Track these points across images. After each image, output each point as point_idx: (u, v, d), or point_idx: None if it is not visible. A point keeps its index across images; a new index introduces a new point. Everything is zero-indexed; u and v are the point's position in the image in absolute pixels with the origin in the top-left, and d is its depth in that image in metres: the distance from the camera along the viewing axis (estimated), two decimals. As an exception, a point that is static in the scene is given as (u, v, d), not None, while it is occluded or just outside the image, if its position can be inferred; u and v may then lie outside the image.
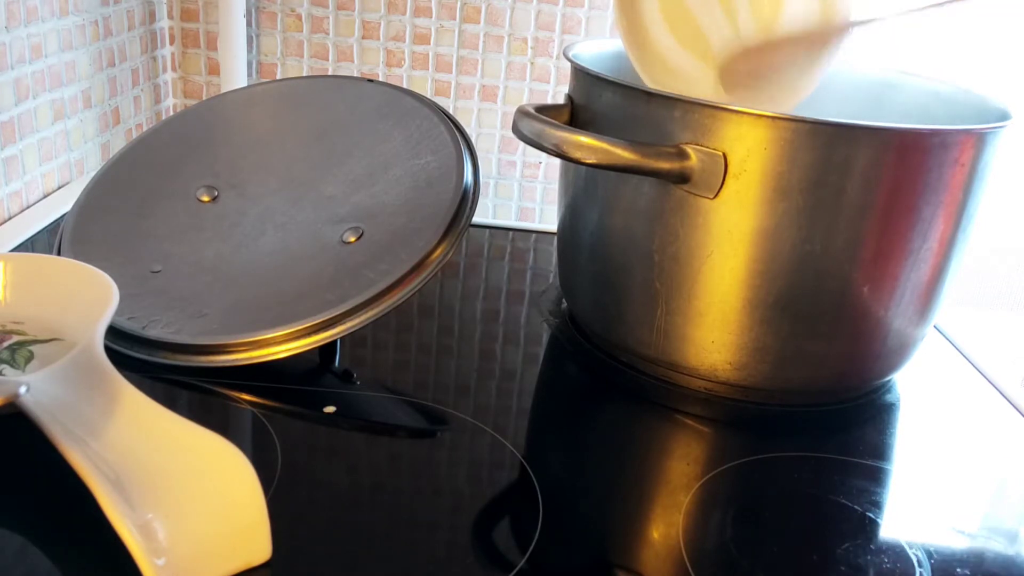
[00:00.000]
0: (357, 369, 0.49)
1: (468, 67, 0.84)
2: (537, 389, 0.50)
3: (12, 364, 0.42)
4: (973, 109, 0.52)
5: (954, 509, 0.43)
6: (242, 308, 0.47)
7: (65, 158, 0.69)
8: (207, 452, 0.34)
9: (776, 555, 0.38)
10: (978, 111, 0.51)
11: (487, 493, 0.40)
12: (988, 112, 0.50)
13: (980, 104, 0.51)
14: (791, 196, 0.43)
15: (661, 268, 0.47)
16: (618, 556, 0.37)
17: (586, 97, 0.50)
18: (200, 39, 0.85)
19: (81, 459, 0.32)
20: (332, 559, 0.35)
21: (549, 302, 0.60)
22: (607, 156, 0.43)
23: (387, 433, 0.44)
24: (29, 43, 0.62)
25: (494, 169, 0.89)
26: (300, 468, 0.40)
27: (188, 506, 0.33)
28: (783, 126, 0.42)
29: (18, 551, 0.33)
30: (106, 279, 0.44)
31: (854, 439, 0.47)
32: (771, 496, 0.42)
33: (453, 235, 0.48)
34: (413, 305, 0.57)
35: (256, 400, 0.45)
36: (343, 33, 0.84)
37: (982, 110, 0.51)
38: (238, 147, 0.57)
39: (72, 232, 0.53)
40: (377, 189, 0.52)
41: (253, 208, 0.54)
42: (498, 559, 0.36)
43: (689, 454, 0.45)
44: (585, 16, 0.82)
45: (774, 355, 0.47)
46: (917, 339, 0.50)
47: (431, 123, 0.54)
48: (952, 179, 0.44)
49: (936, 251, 0.45)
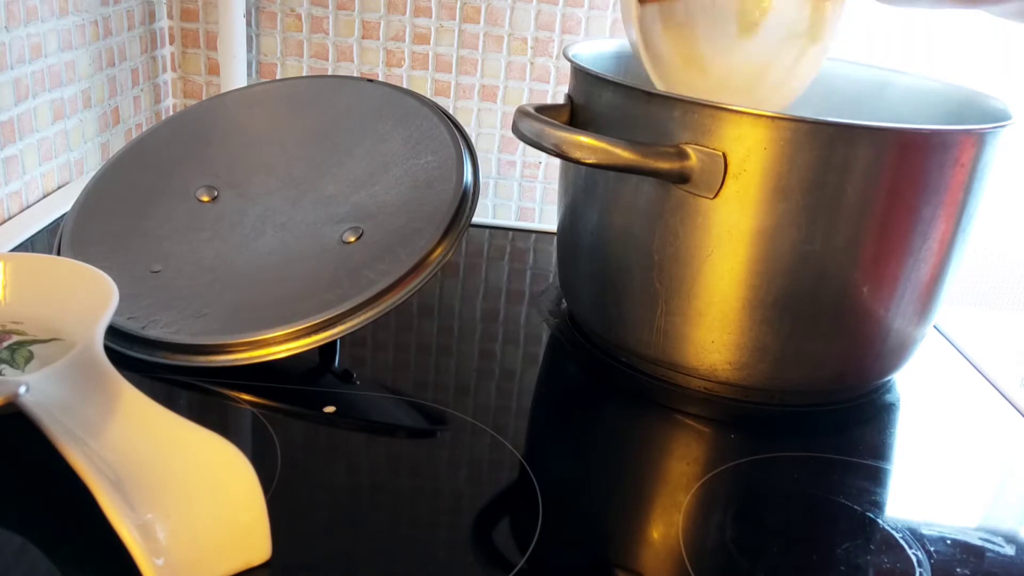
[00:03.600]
0: (357, 369, 0.49)
1: (468, 67, 0.84)
2: (537, 389, 0.50)
3: (12, 364, 0.42)
4: (973, 109, 0.52)
5: (954, 509, 0.43)
6: (242, 308, 0.47)
7: (65, 158, 0.69)
8: (207, 452, 0.34)
9: (776, 555, 0.38)
10: (978, 111, 0.51)
11: (487, 493, 0.40)
12: (988, 112, 0.50)
13: (980, 104, 0.51)
14: (791, 196, 0.43)
15: (661, 268, 0.47)
16: (618, 556, 0.37)
17: (586, 97, 0.50)
18: (200, 39, 0.85)
19: (81, 459, 0.32)
20: (332, 559, 0.35)
21: (549, 302, 0.60)
22: (607, 156, 0.43)
23: (387, 433, 0.44)
24: (29, 43, 0.62)
25: (494, 169, 0.89)
26: (300, 468, 0.40)
27: (188, 506, 0.33)
28: (783, 126, 0.42)
29: (18, 551, 0.33)
30: (106, 279, 0.44)
31: (854, 439, 0.47)
32: (771, 496, 0.42)
33: (453, 235, 0.48)
34: (413, 305, 0.57)
35: (256, 400, 0.45)
36: (343, 33, 0.84)
37: (982, 110, 0.51)
38: (238, 147, 0.57)
39: (72, 232, 0.53)
40: (377, 189, 0.52)
41: (253, 208, 0.54)
42: (498, 559, 0.36)
43: (689, 454, 0.45)
44: (585, 16, 0.82)
45: (774, 355, 0.47)
46: (917, 339, 0.50)
47: (431, 123, 0.54)
48: (952, 179, 0.44)
49: (936, 251, 0.45)
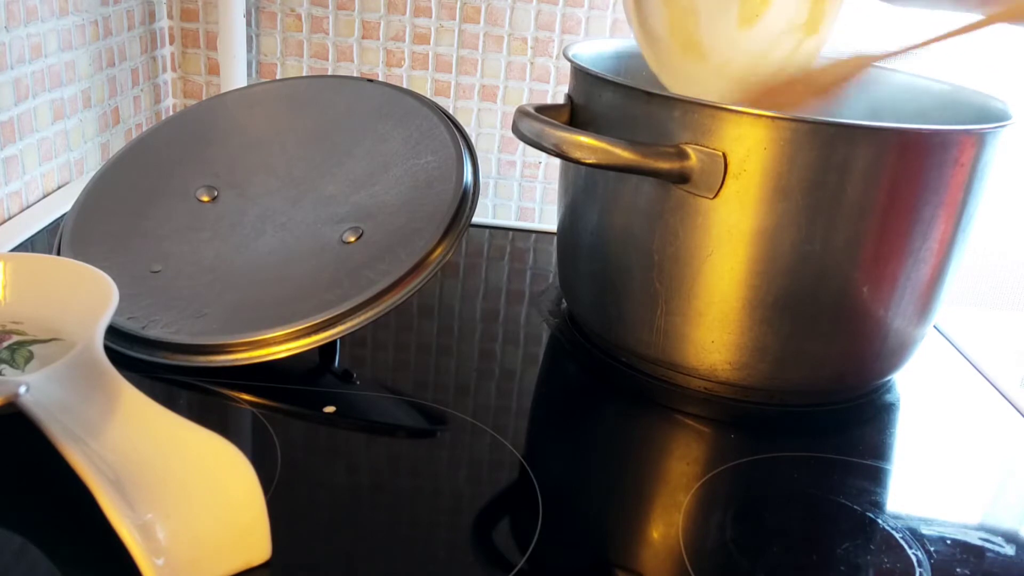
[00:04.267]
0: (357, 369, 0.49)
1: (468, 67, 0.84)
2: (537, 389, 0.50)
3: (12, 364, 0.42)
4: (973, 109, 0.51)
5: (954, 509, 0.43)
6: (242, 308, 0.47)
7: (65, 158, 0.69)
8: (207, 452, 0.34)
9: (776, 555, 0.38)
10: (978, 111, 0.51)
11: (487, 493, 0.40)
12: (988, 112, 0.50)
13: (980, 104, 0.51)
14: (791, 196, 0.43)
15: (661, 268, 0.47)
16: (618, 556, 0.37)
17: (586, 97, 0.50)
18: (200, 39, 0.85)
19: (81, 459, 0.32)
20: (332, 559, 0.35)
21: (549, 302, 0.60)
22: (606, 156, 0.43)
23: (387, 433, 0.44)
24: (29, 43, 0.62)
25: (494, 169, 0.89)
26: (300, 468, 0.40)
27: (188, 506, 0.33)
28: (783, 126, 0.42)
29: (18, 551, 0.33)
30: (106, 279, 0.44)
31: (854, 439, 0.47)
32: (771, 496, 0.42)
33: (453, 235, 0.48)
34: (413, 305, 0.57)
35: (256, 400, 0.45)
36: (343, 33, 0.84)
37: (982, 110, 0.51)
38: (238, 147, 0.57)
39: (72, 232, 0.53)
40: (377, 189, 0.52)
41: (253, 208, 0.54)
42: (498, 559, 0.36)
43: (689, 454, 0.45)
44: (585, 16, 0.82)
45: (774, 355, 0.47)
46: (917, 339, 0.50)
47: (431, 123, 0.54)
48: (952, 179, 0.44)
49: (936, 251, 0.45)
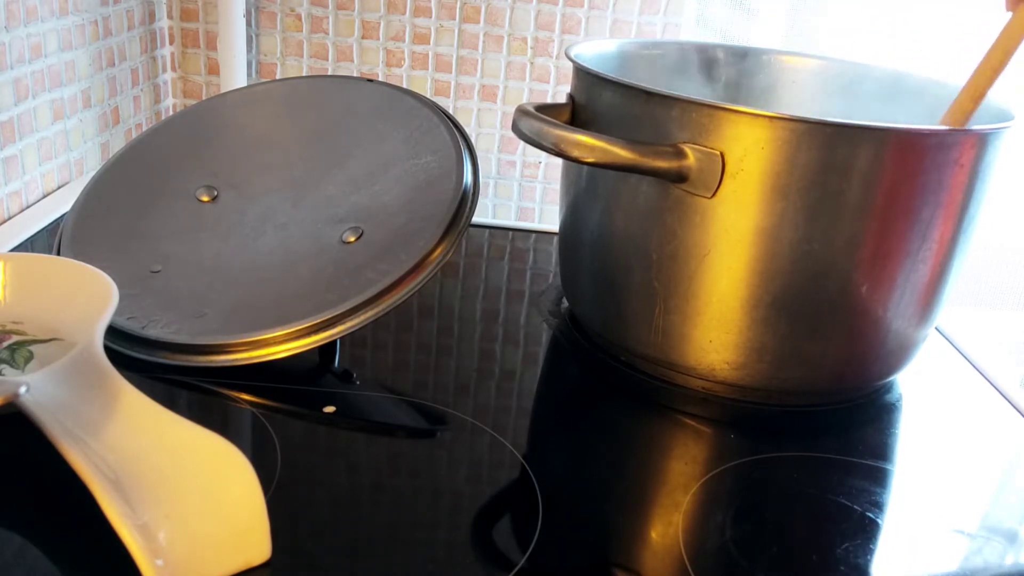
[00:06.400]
0: (357, 369, 0.49)
1: (468, 67, 0.84)
2: (537, 389, 0.50)
3: (12, 364, 0.42)
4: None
5: (954, 509, 0.43)
6: (242, 308, 0.47)
7: (65, 158, 0.69)
8: (207, 452, 0.34)
9: (776, 555, 0.38)
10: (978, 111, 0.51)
11: (487, 493, 0.40)
12: (988, 112, 0.50)
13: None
14: (789, 196, 0.43)
15: (659, 267, 0.47)
16: (618, 556, 0.37)
17: (587, 96, 0.50)
18: (200, 39, 0.85)
19: (81, 459, 0.32)
20: (332, 559, 0.35)
21: (549, 302, 0.60)
22: (605, 155, 0.43)
23: (387, 433, 0.44)
24: (29, 43, 0.62)
25: (494, 169, 0.89)
26: (300, 468, 0.40)
27: (188, 506, 0.33)
28: (781, 126, 0.42)
29: (18, 551, 0.33)
30: (106, 279, 0.44)
31: (854, 439, 0.47)
32: (771, 496, 0.42)
33: (453, 235, 0.48)
34: (413, 305, 0.57)
35: (256, 400, 0.45)
36: (343, 33, 0.84)
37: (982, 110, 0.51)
38: (238, 147, 0.57)
39: (72, 232, 0.53)
40: (377, 189, 0.52)
41: (253, 208, 0.54)
42: (498, 559, 0.36)
43: (688, 454, 0.45)
44: (585, 16, 0.82)
45: (772, 355, 0.47)
46: (917, 341, 0.50)
47: (431, 123, 0.54)
48: (952, 180, 0.44)
49: (936, 252, 0.45)
